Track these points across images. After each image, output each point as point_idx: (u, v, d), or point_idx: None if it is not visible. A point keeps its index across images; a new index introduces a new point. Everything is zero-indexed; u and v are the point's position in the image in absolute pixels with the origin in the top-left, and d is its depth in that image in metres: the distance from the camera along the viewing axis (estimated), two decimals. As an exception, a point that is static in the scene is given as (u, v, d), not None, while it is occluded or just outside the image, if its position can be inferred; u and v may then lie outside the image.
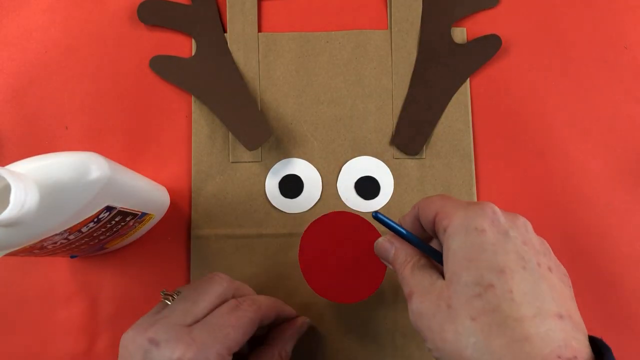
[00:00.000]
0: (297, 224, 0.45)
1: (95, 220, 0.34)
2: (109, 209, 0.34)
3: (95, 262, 0.45)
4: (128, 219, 0.38)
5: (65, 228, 0.32)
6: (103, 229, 0.36)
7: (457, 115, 0.47)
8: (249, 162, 0.46)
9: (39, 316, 0.44)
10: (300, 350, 0.43)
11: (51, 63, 0.47)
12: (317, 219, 0.44)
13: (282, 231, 0.45)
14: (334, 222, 0.44)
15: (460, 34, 0.48)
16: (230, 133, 0.46)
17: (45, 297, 0.44)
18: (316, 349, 0.44)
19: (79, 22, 0.48)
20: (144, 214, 0.40)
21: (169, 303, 0.35)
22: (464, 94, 0.47)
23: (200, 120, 0.46)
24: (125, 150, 0.46)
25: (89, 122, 0.47)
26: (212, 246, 0.45)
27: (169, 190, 0.45)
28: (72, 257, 0.42)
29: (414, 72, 0.47)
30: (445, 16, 0.47)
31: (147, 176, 0.42)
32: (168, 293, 0.37)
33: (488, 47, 0.47)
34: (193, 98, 0.47)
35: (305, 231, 0.43)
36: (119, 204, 0.35)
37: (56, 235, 0.32)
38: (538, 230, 0.45)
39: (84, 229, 0.34)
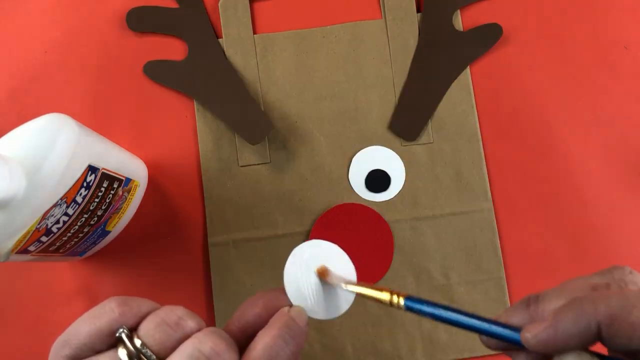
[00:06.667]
0: (313, 221, 0.45)
1: (85, 185, 0.34)
2: (92, 169, 0.34)
3: (95, 262, 0.44)
4: (115, 185, 0.38)
5: (59, 195, 0.32)
6: (96, 200, 0.37)
7: (461, 97, 0.46)
8: (258, 164, 0.45)
9: (39, 316, 0.44)
10: (327, 342, 0.43)
11: (51, 63, 0.47)
12: (324, 213, 0.44)
13: (298, 229, 0.45)
14: (340, 214, 0.44)
15: (455, 18, 0.48)
16: (236, 137, 0.46)
17: (45, 297, 0.44)
18: (344, 340, 0.44)
19: (79, 22, 0.48)
20: (128, 180, 0.40)
21: None
22: (465, 77, 0.47)
23: (205, 129, 0.46)
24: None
25: (89, 123, 0.46)
26: (231, 252, 0.44)
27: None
28: (80, 255, 0.43)
29: (413, 58, 0.47)
30: (448, 3, 0.48)
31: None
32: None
33: (489, 35, 0.47)
34: (195, 106, 0.46)
35: (313, 227, 0.44)
36: (100, 164, 0.35)
37: (56, 208, 0.32)
38: (539, 228, 0.45)
39: (79, 199, 0.34)
